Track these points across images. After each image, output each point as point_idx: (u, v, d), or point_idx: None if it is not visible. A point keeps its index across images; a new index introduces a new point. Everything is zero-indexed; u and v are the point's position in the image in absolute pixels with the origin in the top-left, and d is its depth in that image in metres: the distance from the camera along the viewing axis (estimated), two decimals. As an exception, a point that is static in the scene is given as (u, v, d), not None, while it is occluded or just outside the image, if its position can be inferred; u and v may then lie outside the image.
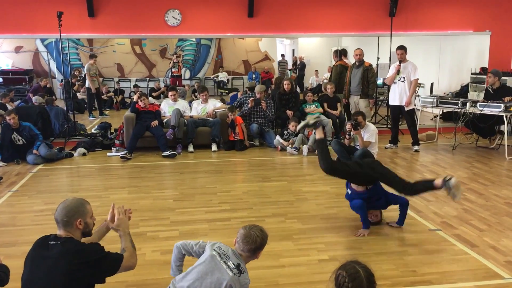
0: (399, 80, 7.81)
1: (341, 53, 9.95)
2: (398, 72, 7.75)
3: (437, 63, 11.09)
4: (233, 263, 2.71)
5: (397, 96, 7.88)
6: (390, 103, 8.13)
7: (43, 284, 2.53)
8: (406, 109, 7.88)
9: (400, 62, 7.73)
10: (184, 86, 14.49)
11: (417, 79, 7.82)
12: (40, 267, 2.56)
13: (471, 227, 4.54)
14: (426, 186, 4.25)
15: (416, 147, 8.03)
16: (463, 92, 10.59)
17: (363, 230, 4.35)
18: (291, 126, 8.13)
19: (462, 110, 7.82)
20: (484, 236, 4.31)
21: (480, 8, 9.92)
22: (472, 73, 10.53)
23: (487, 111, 7.49)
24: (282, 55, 17.14)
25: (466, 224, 4.62)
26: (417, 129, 8.20)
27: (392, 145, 8.18)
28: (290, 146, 7.90)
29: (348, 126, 7.03)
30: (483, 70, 10.18)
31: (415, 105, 8.05)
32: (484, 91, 8.51)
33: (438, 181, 4.07)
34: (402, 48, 7.79)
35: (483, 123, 7.78)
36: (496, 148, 8.08)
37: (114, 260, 2.72)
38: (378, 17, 9.67)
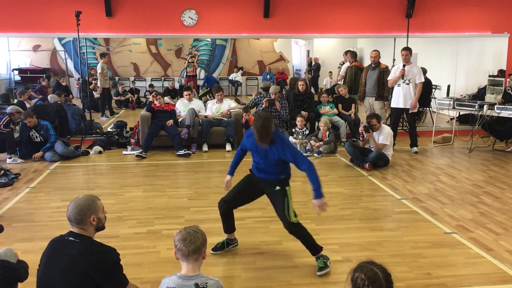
0: (403, 82, 7.67)
1: (356, 55, 9.90)
2: (402, 76, 7.67)
3: (454, 65, 10.96)
4: None
5: (401, 99, 7.72)
6: (393, 105, 7.92)
7: (59, 281, 2.52)
8: (410, 111, 7.80)
9: (404, 66, 7.63)
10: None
11: (422, 82, 7.71)
12: (56, 264, 2.56)
13: (487, 230, 4.50)
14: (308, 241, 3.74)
15: (415, 148, 7.95)
16: (480, 94, 10.47)
17: None
18: (298, 122, 8.07)
19: (479, 113, 7.73)
20: (500, 240, 4.26)
21: (499, 10, 9.79)
22: (489, 75, 10.41)
23: (505, 113, 7.40)
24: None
25: (482, 227, 4.57)
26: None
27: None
28: (300, 146, 7.86)
29: (361, 128, 7.01)
30: (501, 73, 10.06)
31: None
32: (502, 93, 8.39)
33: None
34: (407, 50, 7.71)
35: (501, 126, 7.68)
36: (513, 152, 7.98)
37: (123, 277, 2.66)
38: (395, 18, 9.60)
